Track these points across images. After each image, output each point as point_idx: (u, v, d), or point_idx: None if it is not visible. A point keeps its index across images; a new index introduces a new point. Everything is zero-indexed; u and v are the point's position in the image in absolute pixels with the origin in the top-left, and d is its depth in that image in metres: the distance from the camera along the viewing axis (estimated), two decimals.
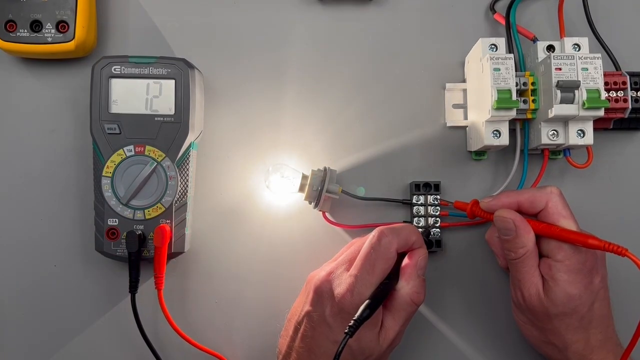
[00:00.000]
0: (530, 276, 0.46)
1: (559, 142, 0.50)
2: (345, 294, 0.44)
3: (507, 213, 0.46)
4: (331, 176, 0.51)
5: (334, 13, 0.56)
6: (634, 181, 0.55)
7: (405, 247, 0.46)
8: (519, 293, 0.47)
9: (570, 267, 0.45)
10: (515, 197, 0.47)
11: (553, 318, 0.46)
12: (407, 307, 0.46)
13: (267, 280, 0.54)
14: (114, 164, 0.50)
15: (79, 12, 0.52)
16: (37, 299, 0.53)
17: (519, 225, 0.45)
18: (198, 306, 0.53)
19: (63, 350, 0.53)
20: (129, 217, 0.50)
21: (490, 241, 0.50)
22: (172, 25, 0.56)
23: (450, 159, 0.55)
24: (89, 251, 0.52)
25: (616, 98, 0.51)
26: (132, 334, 0.51)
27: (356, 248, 0.47)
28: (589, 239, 0.43)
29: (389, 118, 0.55)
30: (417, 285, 0.46)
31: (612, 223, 0.54)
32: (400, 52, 0.56)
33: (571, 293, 0.45)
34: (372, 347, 0.45)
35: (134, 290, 0.50)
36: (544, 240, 0.46)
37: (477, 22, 0.57)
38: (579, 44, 0.52)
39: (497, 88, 0.48)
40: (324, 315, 0.45)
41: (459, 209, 0.51)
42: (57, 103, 0.54)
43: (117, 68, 0.50)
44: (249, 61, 0.55)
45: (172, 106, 0.50)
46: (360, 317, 0.41)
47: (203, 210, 0.54)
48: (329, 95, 0.55)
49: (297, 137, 0.55)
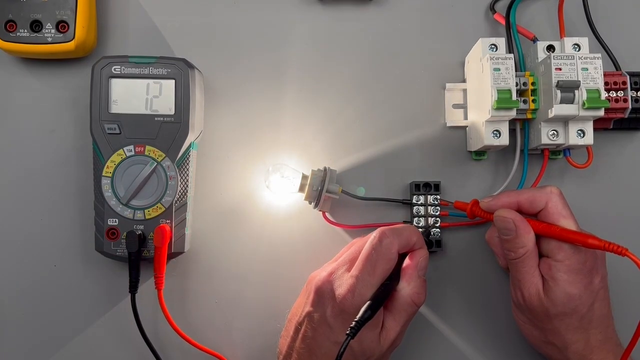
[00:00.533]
0: (530, 276, 0.46)
1: (559, 142, 0.50)
2: (347, 294, 0.44)
3: (507, 213, 0.46)
4: (331, 176, 0.51)
5: (334, 13, 0.56)
6: (634, 181, 0.55)
7: (406, 247, 0.46)
8: (519, 293, 0.47)
9: (570, 267, 0.45)
10: (515, 197, 0.47)
11: (553, 318, 0.46)
12: (408, 308, 0.46)
13: (267, 280, 0.54)
14: (114, 164, 0.50)
15: (79, 12, 0.52)
16: (37, 299, 0.53)
17: (518, 225, 0.45)
18: (198, 306, 0.53)
19: (63, 350, 0.53)
20: (129, 217, 0.50)
21: (490, 241, 0.50)
22: (172, 25, 0.56)
23: (450, 159, 0.55)
24: (89, 251, 0.52)
25: (616, 98, 0.51)
26: (132, 334, 0.51)
27: (357, 248, 0.47)
28: (588, 239, 0.43)
29: (389, 118, 0.55)
30: (418, 286, 0.46)
31: (612, 223, 0.54)
32: (400, 52, 0.56)
33: (571, 293, 0.45)
34: (373, 347, 0.45)
35: (134, 290, 0.50)
36: (544, 240, 0.46)
37: (477, 22, 0.57)
38: (579, 44, 0.52)
39: (497, 88, 0.48)
40: (324, 315, 0.45)
41: (459, 209, 0.51)
42: (57, 103, 0.54)
43: (117, 68, 0.50)
44: (249, 61, 0.55)
45: (172, 106, 0.50)
46: (361, 319, 0.41)
47: (203, 210, 0.54)
48: (329, 95, 0.55)
49: (297, 137, 0.55)
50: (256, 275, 0.54)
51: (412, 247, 0.47)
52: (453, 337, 0.54)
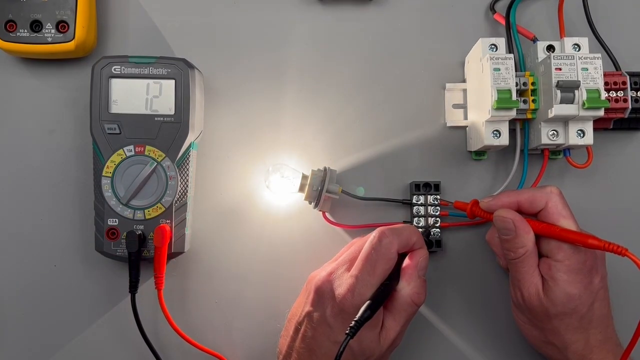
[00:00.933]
0: (530, 276, 0.46)
1: (559, 142, 0.50)
2: (346, 294, 0.44)
3: (507, 213, 0.46)
4: (331, 176, 0.51)
5: (334, 13, 0.56)
6: (634, 181, 0.55)
7: (406, 247, 0.46)
8: (519, 293, 0.47)
9: (570, 267, 0.45)
10: (515, 196, 0.47)
11: (553, 318, 0.46)
12: (407, 308, 0.46)
13: (267, 280, 0.54)
14: (114, 164, 0.50)
15: (79, 12, 0.52)
16: (37, 299, 0.53)
17: (518, 225, 0.45)
18: (198, 306, 0.53)
19: (63, 350, 0.53)
20: (129, 217, 0.50)
21: (491, 241, 0.50)
22: (172, 25, 0.56)
23: (450, 159, 0.55)
24: (89, 251, 0.52)
25: (616, 98, 0.51)
26: (132, 334, 0.51)
27: (357, 248, 0.47)
28: (588, 239, 0.43)
29: (389, 118, 0.55)
30: (417, 286, 0.46)
31: (612, 223, 0.54)
32: (400, 52, 0.56)
33: (571, 293, 0.45)
34: (373, 347, 0.45)
35: (134, 290, 0.50)
36: (544, 240, 0.46)
37: (477, 22, 0.57)
38: (579, 44, 0.52)
39: (497, 88, 0.48)
40: (324, 315, 0.45)
41: (459, 209, 0.51)
42: (57, 103, 0.54)
43: (117, 68, 0.50)
44: (249, 61, 0.55)
45: (172, 106, 0.50)
46: (361, 318, 0.41)
47: (203, 210, 0.54)
48: (329, 95, 0.55)
49: (297, 137, 0.55)
50: (256, 275, 0.54)
51: (411, 247, 0.47)
52: (453, 337, 0.54)
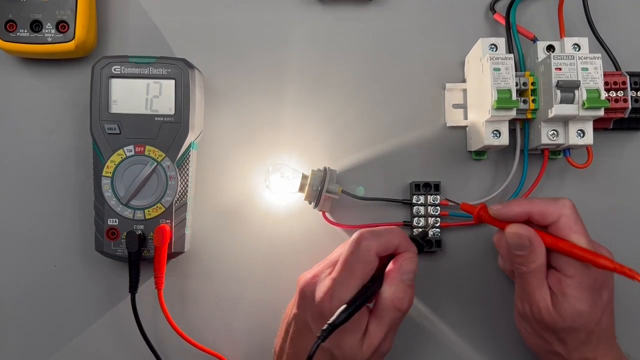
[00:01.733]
0: (539, 290, 0.44)
1: (559, 142, 0.50)
2: (324, 297, 0.43)
3: (522, 229, 0.44)
4: (331, 176, 0.51)
5: (334, 13, 0.56)
6: (634, 181, 0.55)
7: (387, 250, 0.45)
8: (527, 306, 0.46)
9: (582, 284, 0.43)
10: (527, 207, 0.45)
11: (560, 331, 0.45)
12: (390, 313, 0.44)
13: (267, 280, 0.54)
14: (114, 164, 0.50)
15: (79, 12, 0.52)
16: (37, 299, 0.53)
17: (533, 242, 0.44)
18: (198, 306, 0.53)
19: (63, 350, 0.53)
20: (129, 217, 0.50)
21: (498, 244, 0.48)
22: (172, 25, 0.56)
23: (450, 159, 0.55)
24: (89, 251, 0.52)
25: (616, 98, 0.51)
26: (132, 334, 0.51)
27: (342, 250, 0.46)
28: (599, 259, 0.41)
29: (389, 118, 0.55)
30: (400, 291, 0.44)
31: (612, 223, 0.54)
32: (400, 52, 0.56)
33: (581, 310, 0.43)
34: (354, 352, 0.43)
35: (134, 290, 0.50)
36: (554, 252, 0.45)
37: (477, 22, 0.57)
38: (579, 44, 0.52)
39: (497, 88, 0.48)
40: (306, 318, 0.44)
41: (465, 211, 0.49)
42: (57, 103, 0.54)
43: (117, 68, 0.50)
44: (249, 61, 0.55)
45: (172, 106, 0.50)
46: (334, 322, 0.40)
47: (203, 210, 0.54)
48: (329, 95, 0.55)
49: (297, 137, 0.55)
50: (256, 275, 0.54)
51: (395, 250, 0.45)
52: (452, 337, 0.54)
